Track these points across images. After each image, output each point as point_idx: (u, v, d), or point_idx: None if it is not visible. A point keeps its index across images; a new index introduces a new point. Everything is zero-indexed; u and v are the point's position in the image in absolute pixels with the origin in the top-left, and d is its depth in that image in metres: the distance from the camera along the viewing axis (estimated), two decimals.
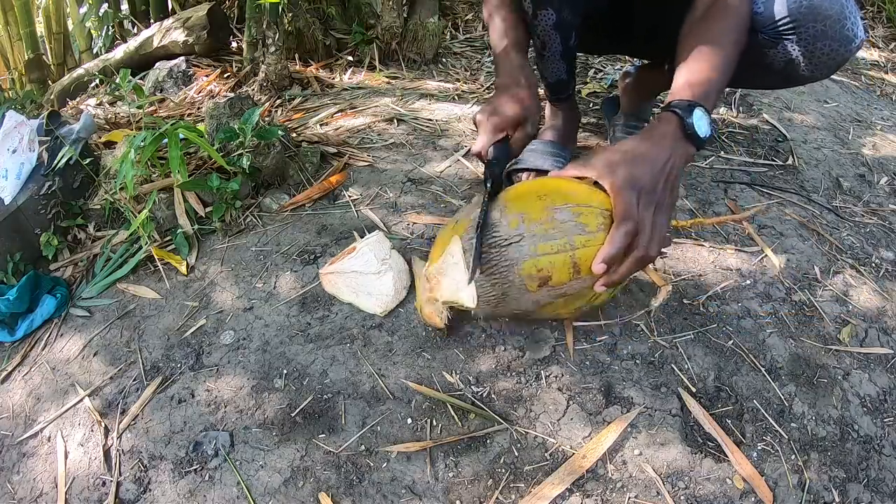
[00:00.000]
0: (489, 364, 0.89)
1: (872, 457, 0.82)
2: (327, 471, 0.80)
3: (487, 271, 0.77)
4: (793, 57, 0.95)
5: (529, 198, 0.79)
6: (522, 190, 0.83)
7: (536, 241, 0.75)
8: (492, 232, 0.78)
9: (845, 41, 0.92)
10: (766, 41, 0.96)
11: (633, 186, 0.73)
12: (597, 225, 0.75)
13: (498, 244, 0.77)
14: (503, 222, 0.77)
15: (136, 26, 2.36)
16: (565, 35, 1.07)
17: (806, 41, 0.93)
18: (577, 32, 1.09)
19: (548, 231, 0.75)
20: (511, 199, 0.81)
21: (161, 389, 0.93)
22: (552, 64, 1.13)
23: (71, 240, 1.27)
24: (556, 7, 1.03)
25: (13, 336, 1.11)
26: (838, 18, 0.90)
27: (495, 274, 0.77)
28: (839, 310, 1.00)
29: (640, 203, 0.73)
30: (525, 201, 0.79)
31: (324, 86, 1.85)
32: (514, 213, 0.77)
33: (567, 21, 1.05)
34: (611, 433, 0.80)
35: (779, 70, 0.99)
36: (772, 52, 0.96)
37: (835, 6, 0.90)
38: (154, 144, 1.09)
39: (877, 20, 2.52)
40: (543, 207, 0.76)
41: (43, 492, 0.87)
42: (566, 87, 1.20)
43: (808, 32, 0.92)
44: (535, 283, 0.76)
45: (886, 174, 1.39)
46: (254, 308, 1.02)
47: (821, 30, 0.91)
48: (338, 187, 1.27)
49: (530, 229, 0.75)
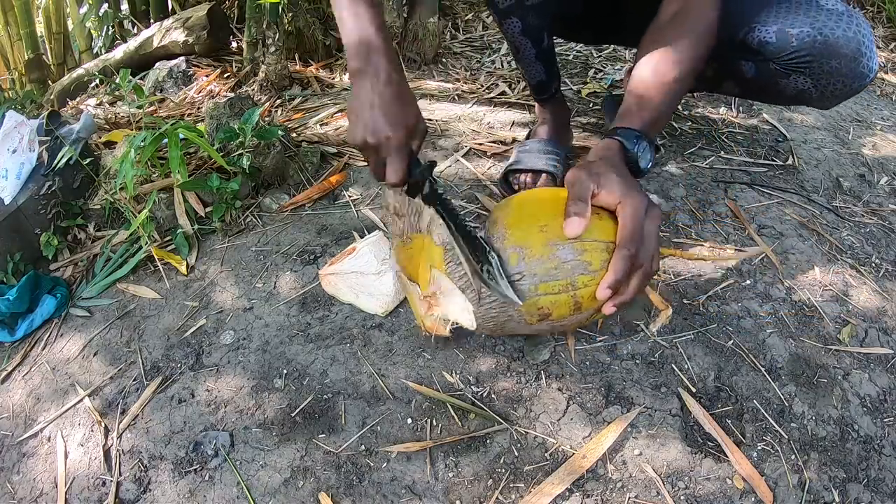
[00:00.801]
0: (489, 364, 0.89)
1: (872, 457, 0.82)
2: (327, 471, 0.80)
3: (486, 304, 0.75)
4: (804, 88, 0.93)
5: (530, 229, 0.74)
6: (521, 211, 0.77)
7: (537, 280, 0.71)
8: (488, 265, 0.73)
9: (859, 77, 0.89)
10: (778, 71, 0.94)
11: (643, 205, 0.71)
12: (600, 262, 0.71)
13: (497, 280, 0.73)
14: (502, 257, 0.73)
15: (136, 26, 2.36)
16: (535, 39, 1.08)
17: (818, 77, 0.90)
18: (548, 34, 1.09)
19: (549, 271, 0.71)
20: (510, 224, 0.75)
21: (161, 389, 0.93)
22: (529, 66, 1.14)
23: (71, 240, 1.27)
24: (520, 15, 1.03)
25: (13, 336, 1.11)
26: (854, 56, 0.87)
27: (494, 308, 0.75)
28: (839, 310, 1.00)
29: (647, 219, 0.71)
30: (525, 232, 0.74)
31: (324, 86, 1.85)
32: (514, 247, 0.73)
33: (534, 26, 1.05)
34: (611, 433, 0.80)
35: (789, 97, 0.98)
36: (783, 81, 0.95)
37: (851, 44, 0.86)
38: (154, 144, 1.09)
39: (877, 20, 2.52)
40: (545, 242, 0.72)
41: (43, 492, 0.87)
42: (548, 87, 1.21)
43: (822, 69, 0.89)
44: (535, 319, 0.74)
45: (886, 174, 1.39)
46: (254, 308, 1.02)
47: (835, 67, 0.88)
48: (338, 187, 1.27)
49: (531, 268, 0.72)
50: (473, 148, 1.37)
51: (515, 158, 1.19)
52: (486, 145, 1.37)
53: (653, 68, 0.83)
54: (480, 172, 1.29)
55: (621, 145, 0.78)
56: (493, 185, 1.24)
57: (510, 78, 1.80)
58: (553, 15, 1.07)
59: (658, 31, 0.86)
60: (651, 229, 0.71)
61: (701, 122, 1.49)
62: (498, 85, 1.74)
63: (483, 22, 2.33)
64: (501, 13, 1.03)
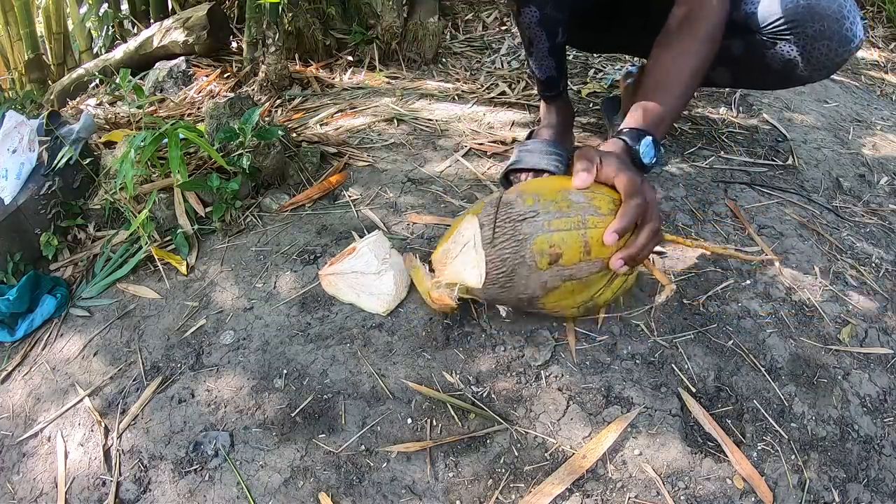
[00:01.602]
0: (489, 364, 0.89)
1: (872, 457, 0.82)
2: (327, 471, 0.80)
3: (499, 245, 0.79)
4: (790, 57, 0.95)
5: (544, 184, 0.84)
6: (536, 181, 0.89)
7: (551, 217, 0.77)
8: (507, 209, 0.80)
9: (844, 41, 0.91)
10: (764, 41, 0.95)
11: (637, 177, 0.77)
12: (608, 209, 0.77)
13: (512, 219, 0.79)
14: (518, 201, 0.80)
15: (136, 26, 2.36)
16: (551, 31, 1.08)
17: (804, 42, 0.92)
18: (563, 29, 1.09)
19: (562, 209, 0.77)
20: (526, 186, 0.84)
21: (161, 389, 0.93)
22: (540, 61, 1.14)
23: (71, 240, 1.27)
24: (539, 4, 1.03)
25: (13, 336, 1.11)
26: (837, 18, 0.89)
27: (507, 248, 0.78)
28: (839, 310, 1.00)
29: (644, 186, 0.77)
30: (538, 186, 0.83)
31: (324, 86, 1.85)
32: (530, 193, 0.80)
33: (552, 17, 1.05)
34: (611, 433, 0.80)
35: (777, 70, 0.99)
36: (769, 52, 0.96)
37: (833, 5, 0.89)
38: (154, 144, 1.09)
39: (877, 20, 2.52)
40: (558, 189, 0.80)
41: (43, 492, 0.87)
42: (557, 84, 1.21)
43: (806, 33, 0.91)
44: (545, 260, 0.77)
45: (886, 174, 1.39)
46: (254, 308, 1.02)
47: (819, 30, 0.90)
48: (338, 187, 1.27)
49: (545, 206, 0.78)
50: (473, 148, 1.37)
51: (517, 158, 1.19)
52: (486, 145, 1.37)
53: (662, 71, 0.88)
54: (480, 172, 1.29)
55: (624, 143, 0.84)
56: (494, 185, 1.24)
57: (510, 78, 1.80)
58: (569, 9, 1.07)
59: (668, 34, 0.92)
60: (650, 194, 0.77)
61: (701, 122, 1.49)
62: (498, 85, 1.74)
63: (483, 22, 2.34)
64: (521, 0, 1.04)
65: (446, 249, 0.88)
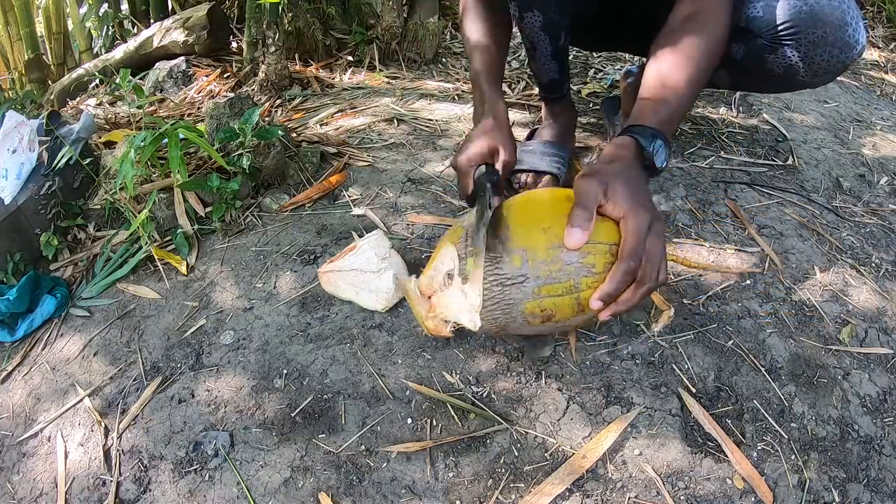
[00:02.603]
0: (489, 364, 0.89)
1: (872, 457, 0.82)
2: (327, 471, 0.80)
3: (488, 306, 0.74)
4: (792, 63, 0.94)
5: (533, 229, 0.74)
6: (524, 212, 0.77)
7: (540, 283, 0.72)
8: (494, 266, 0.73)
9: (846, 48, 0.90)
10: (765, 46, 0.95)
11: (646, 221, 0.70)
12: (604, 265, 0.72)
13: (500, 283, 0.73)
14: (506, 259, 0.73)
15: (136, 26, 2.36)
16: (554, 35, 1.07)
17: (805, 47, 0.91)
18: (566, 32, 1.08)
19: (552, 273, 0.71)
20: (514, 225, 0.75)
21: (161, 389, 0.93)
22: (543, 64, 1.13)
23: (71, 240, 1.27)
24: (541, 8, 1.02)
25: (13, 336, 1.11)
26: (839, 25, 0.89)
27: (496, 310, 0.75)
28: (839, 310, 1.00)
29: (650, 235, 0.70)
30: (528, 233, 0.74)
31: (324, 86, 1.85)
32: (518, 249, 0.73)
33: (555, 21, 1.04)
34: (611, 433, 0.80)
35: (778, 76, 0.98)
36: (771, 57, 0.96)
37: (836, 12, 0.88)
38: (154, 144, 1.09)
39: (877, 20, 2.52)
40: (548, 245, 0.72)
41: (43, 492, 0.87)
42: (559, 87, 1.20)
43: (808, 38, 0.90)
44: (537, 321, 0.75)
45: (886, 174, 1.39)
46: (254, 308, 1.02)
47: (821, 36, 0.90)
48: (338, 187, 1.27)
49: (534, 270, 0.72)
50: None
51: (518, 158, 1.19)
52: None
53: (666, 69, 0.84)
54: None
55: (636, 143, 0.79)
56: None
57: (510, 78, 1.80)
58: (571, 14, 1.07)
59: (671, 32, 0.88)
60: (654, 244, 0.71)
61: (701, 122, 1.49)
62: None
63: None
64: (524, 5, 1.02)
65: (431, 276, 0.83)
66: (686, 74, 0.83)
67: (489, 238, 0.74)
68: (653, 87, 0.84)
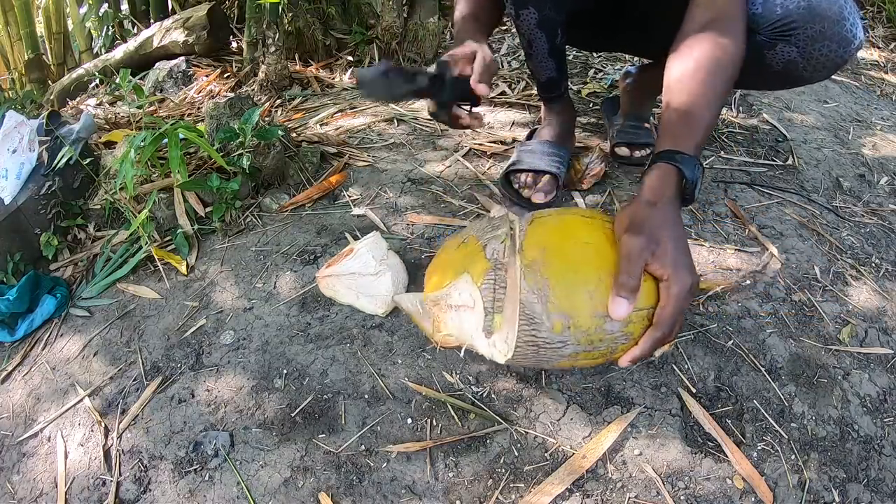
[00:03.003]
0: (489, 364, 0.89)
1: (872, 457, 0.82)
2: (327, 471, 0.80)
3: (517, 357, 0.71)
4: (791, 58, 0.95)
5: (578, 292, 0.68)
6: (566, 264, 0.70)
7: (580, 349, 0.70)
8: (531, 327, 0.68)
9: (844, 42, 0.91)
10: (764, 42, 0.95)
11: (688, 287, 0.69)
12: (641, 331, 0.70)
13: (537, 344, 0.69)
14: (546, 322, 0.68)
15: (136, 26, 2.37)
16: (550, 33, 1.07)
17: (804, 42, 0.92)
18: (563, 30, 1.08)
19: (594, 342, 0.69)
20: (553, 279, 0.69)
21: (161, 389, 0.93)
22: (540, 62, 1.13)
23: (71, 240, 1.27)
24: (537, 5, 1.02)
25: (13, 336, 1.11)
26: (837, 20, 0.89)
27: (524, 361, 0.73)
28: (839, 310, 1.00)
29: (687, 298, 0.69)
30: (572, 296, 0.68)
31: (324, 86, 1.85)
32: (559, 314, 0.68)
33: (551, 18, 1.04)
34: (611, 433, 0.80)
35: (777, 71, 0.98)
36: (770, 53, 0.96)
37: (833, 7, 0.89)
38: (154, 144, 1.10)
39: (877, 20, 2.52)
40: (593, 313, 0.68)
41: (43, 492, 0.87)
42: (557, 86, 1.19)
43: (806, 33, 0.91)
44: (567, 366, 0.80)
45: (886, 174, 1.39)
46: (254, 308, 1.02)
47: (819, 31, 0.90)
48: (338, 187, 1.27)
49: (576, 337, 0.69)
50: (473, 148, 1.37)
51: (517, 158, 1.19)
52: (486, 145, 1.37)
53: (699, 80, 0.80)
54: (480, 172, 1.29)
55: (680, 174, 0.75)
56: (493, 185, 1.24)
57: (510, 78, 1.80)
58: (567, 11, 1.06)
59: (693, 42, 0.84)
60: (686, 306, 0.70)
61: None
62: (498, 85, 1.74)
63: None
64: (519, 2, 1.02)
65: (438, 299, 0.78)
66: (717, 88, 0.80)
67: (525, 290, 0.68)
68: (686, 98, 0.79)
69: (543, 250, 0.71)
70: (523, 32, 1.07)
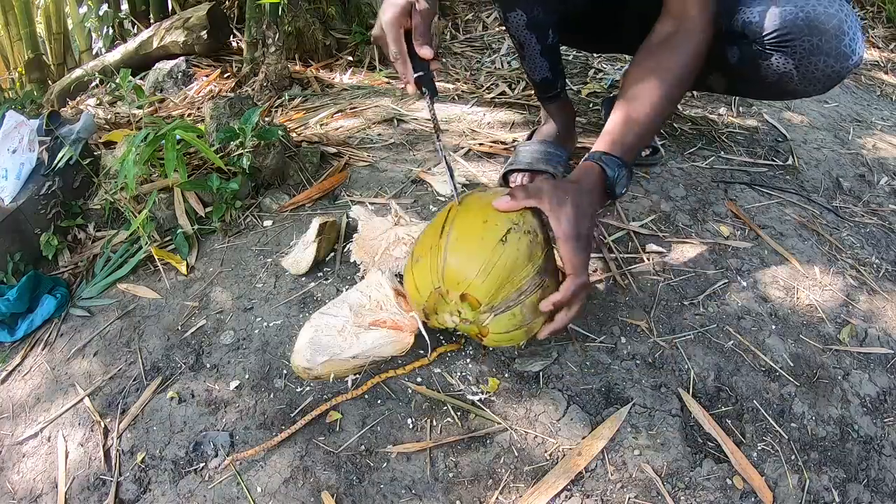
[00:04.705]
0: (489, 364, 0.89)
1: (872, 457, 0.82)
2: (327, 471, 0.80)
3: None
4: (785, 70, 0.93)
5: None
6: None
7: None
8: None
9: (842, 57, 0.89)
10: (760, 52, 0.94)
11: (581, 241, 0.77)
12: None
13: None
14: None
15: (135, 26, 2.37)
16: (541, 34, 1.07)
17: (800, 55, 0.90)
18: (554, 30, 1.08)
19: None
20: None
21: (161, 389, 0.93)
22: (533, 63, 1.13)
23: (71, 240, 1.27)
24: (525, 7, 1.02)
25: (13, 336, 1.11)
26: (835, 34, 0.87)
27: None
28: (839, 310, 1.00)
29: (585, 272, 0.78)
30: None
31: (324, 86, 1.85)
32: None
33: (540, 19, 1.04)
34: (606, 430, 0.80)
35: (772, 83, 0.97)
36: (765, 63, 0.94)
37: (832, 20, 0.87)
38: (154, 144, 1.09)
39: (877, 20, 2.52)
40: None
41: (43, 492, 0.87)
42: (553, 85, 1.19)
43: (803, 46, 0.89)
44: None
45: (886, 174, 1.39)
46: (254, 308, 1.02)
47: (815, 44, 0.88)
48: (338, 187, 1.27)
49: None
50: (473, 148, 1.37)
51: (516, 158, 1.19)
52: (486, 145, 1.37)
53: (640, 89, 0.87)
54: (480, 172, 1.29)
55: (602, 171, 0.84)
56: (493, 185, 1.24)
57: (510, 78, 1.80)
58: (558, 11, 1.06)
59: (649, 51, 0.91)
60: (570, 253, 0.77)
61: (701, 122, 1.49)
62: (498, 85, 1.74)
63: (483, 22, 2.33)
64: (506, 5, 1.02)
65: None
66: (656, 100, 0.86)
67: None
68: (627, 107, 0.87)
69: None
70: (513, 34, 1.08)
